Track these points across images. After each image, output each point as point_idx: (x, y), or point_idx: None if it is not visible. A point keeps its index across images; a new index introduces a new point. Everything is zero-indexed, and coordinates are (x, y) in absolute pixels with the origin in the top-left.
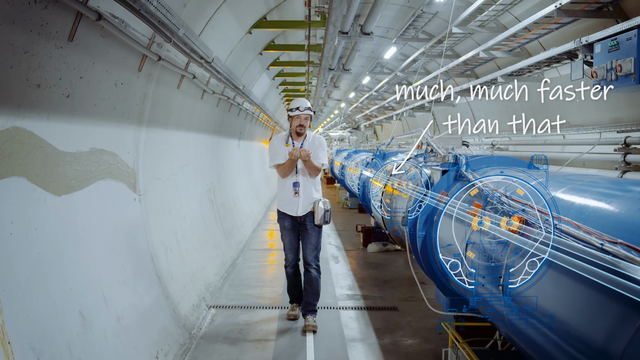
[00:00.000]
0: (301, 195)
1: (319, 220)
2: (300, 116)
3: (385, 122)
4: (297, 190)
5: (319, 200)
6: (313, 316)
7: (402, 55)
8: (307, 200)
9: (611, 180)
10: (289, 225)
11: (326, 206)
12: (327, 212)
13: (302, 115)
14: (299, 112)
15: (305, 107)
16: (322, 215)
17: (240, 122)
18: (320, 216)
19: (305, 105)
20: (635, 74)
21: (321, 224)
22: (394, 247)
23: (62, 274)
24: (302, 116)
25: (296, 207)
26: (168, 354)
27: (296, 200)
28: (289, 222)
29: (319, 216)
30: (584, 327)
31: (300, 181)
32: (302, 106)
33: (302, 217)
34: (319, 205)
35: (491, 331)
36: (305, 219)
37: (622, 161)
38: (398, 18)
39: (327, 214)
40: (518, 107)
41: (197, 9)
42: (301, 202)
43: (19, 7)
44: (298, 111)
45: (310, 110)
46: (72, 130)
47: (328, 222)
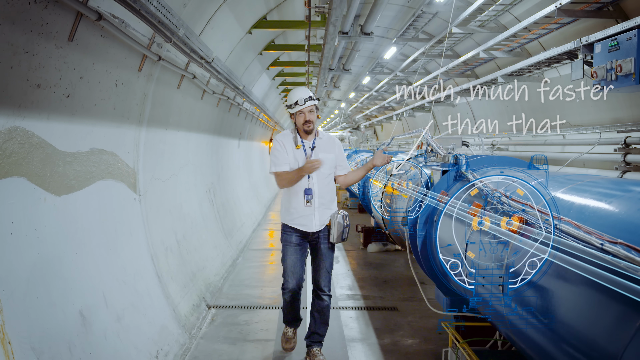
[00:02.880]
0: (316, 206)
1: (336, 239)
2: (303, 111)
3: (385, 122)
4: (309, 199)
5: (336, 213)
6: (319, 348)
7: (402, 55)
8: (324, 212)
9: (611, 180)
10: (297, 241)
11: (346, 221)
12: (347, 229)
13: (305, 109)
14: (300, 107)
15: (306, 97)
16: (341, 233)
17: (241, 122)
18: (337, 233)
19: (305, 96)
20: (635, 74)
21: (338, 242)
22: (394, 247)
23: (62, 274)
24: (306, 110)
25: (311, 220)
26: (168, 354)
27: (310, 212)
28: (297, 237)
29: (336, 234)
30: (584, 327)
31: (315, 188)
32: (301, 98)
33: (316, 232)
34: (337, 220)
35: (491, 331)
36: (319, 236)
37: (622, 161)
38: (398, 18)
39: (346, 231)
40: (518, 107)
41: (197, 9)
42: (317, 213)
43: (19, 7)
44: (299, 106)
45: (313, 100)
46: (72, 130)
47: (345, 239)
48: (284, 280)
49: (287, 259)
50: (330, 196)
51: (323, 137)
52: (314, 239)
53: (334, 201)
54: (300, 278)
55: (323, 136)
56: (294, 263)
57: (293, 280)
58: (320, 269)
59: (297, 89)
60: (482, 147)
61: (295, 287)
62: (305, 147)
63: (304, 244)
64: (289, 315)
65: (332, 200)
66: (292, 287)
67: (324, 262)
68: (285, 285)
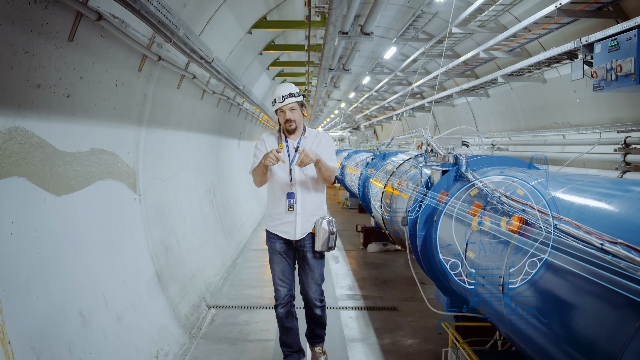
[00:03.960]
0: (298, 211)
1: (321, 247)
2: (283, 109)
3: (385, 122)
4: (291, 204)
5: (321, 219)
6: (321, 345)
7: (402, 55)
8: (306, 218)
9: (611, 180)
10: (281, 249)
11: (331, 227)
12: (333, 236)
13: (285, 107)
14: (280, 104)
15: (285, 94)
16: (326, 240)
17: (241, 122)
18: (322, 241)
19: (284, 92)
20: (635, 74)
21: (324, 251)
22: (394, 247)
23: (62, 274)
24: (286, 108)
25: (292, 227)
26: (168, 354)
27: (291, 218)
28: (281, 244)
29: (321, 241)
30: (583, 327)
31: (298, 192)
32: (279, 95)
33: (299, 240)
34: (321, 226)
35: (491, 331)
36: (304, 244)
37: (622, 161)
38: (398, 18)
39: (332, 238)
40: (518, 107)
41: (197, 9)
42: (299, 220)
43: (19, 7)
44: (278, 103)
45: (294, 96)
46: (72, 130)
47: (332, 248)
48: (275, 290)
49: (274, 267)
50: (317, 202)
51: (309, 135)
52: (300, 247)
53: (322, 207)
54: (291, 286)
55: (309, 134)
56: (282, 270)
57: (284, 287)
58: (308, 281)
59: (279, 86)
60: (482, 147)
61: (287, 296)
62: (289, 147)
63: (290, 251)
64: (289, 344)
65: (319, 206)
66: (284, 294)
67: (313, 273)
68: (277, 295)
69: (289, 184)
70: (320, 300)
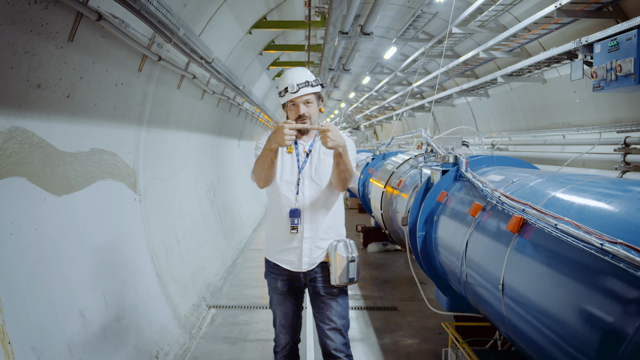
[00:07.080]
0: (306, 235)
1: (339, 280)
2: (295, 102)
3: (385, 122)
4: (295, 224)
5: (336, 242)
6: None
7: (402, 55)
8: (316, 243)
9: (611, 180)
10: (283, 287)
11: (350, 252)
12: (353, 263)
13: (298, 99)
14: (292, 96)
15: (300, 82)
16: (345, 269)
17: (241, 122)
18: (340, 271)
19: (298, 80)
20: (635, 74)
21: (344, 285)
22: (394, 247)
23: (62, 274)
24: (299, 101)
25: (297, 255)
26: (168, 354)
27: (296, 244)
28: (283, 283)
29: (338, 272)
30: (584, 327)
31: (305, 208)
32: (293, 83)
33: (308, 273)
34: (336, 252)
35: (491, 331)
36: (317, 278)
37: (622, 161)
38: (398, 18)
39: (353, 266)
40: (518, 107)
41: (197, 9)
42: (306, 246)
43: (19, 7)
44: (289, 94)
45: (311, 86)
46: (72, 130)
47: (355, 279)
48: (275, 335)
49: (275, 309)
50: (331, 221)
51: None
52: (310, 281)
53: (337, 228)
54: (295, 332)
55: None
56: (284, 313)
57: (286, 335)
58: (326, 327)
59: (289, 70)
60: (482, 147)
61: (289, 344)
62: (299, 150)
63: (296, 288)
64: None
65: (333, 227)
66: (285, 341)
67: (330, 316)
68: (277, 340)
69: (294, 198)
70: (347, 356)
